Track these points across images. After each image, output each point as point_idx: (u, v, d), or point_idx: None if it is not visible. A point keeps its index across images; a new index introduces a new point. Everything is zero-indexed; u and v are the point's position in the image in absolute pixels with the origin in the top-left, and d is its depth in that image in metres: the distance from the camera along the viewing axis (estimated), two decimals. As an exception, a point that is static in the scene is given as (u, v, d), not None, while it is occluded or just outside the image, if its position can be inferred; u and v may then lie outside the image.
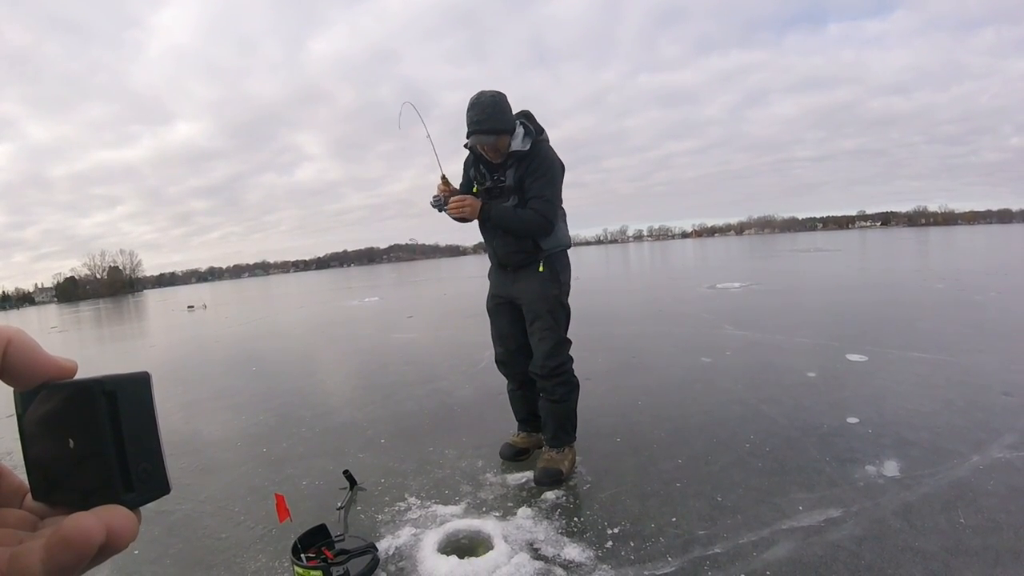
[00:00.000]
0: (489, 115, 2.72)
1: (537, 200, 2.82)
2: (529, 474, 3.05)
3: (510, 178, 2.87)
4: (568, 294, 3.07)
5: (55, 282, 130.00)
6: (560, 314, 3.00)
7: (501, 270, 3.11)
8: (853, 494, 2.56)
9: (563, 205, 3.06)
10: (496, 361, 3.26)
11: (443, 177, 2.99)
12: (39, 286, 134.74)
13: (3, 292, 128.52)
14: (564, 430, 3.04)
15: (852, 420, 3.51)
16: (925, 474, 2.73)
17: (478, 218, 2.88)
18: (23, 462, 0.36)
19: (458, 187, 3.10)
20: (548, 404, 3.01)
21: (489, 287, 3.22)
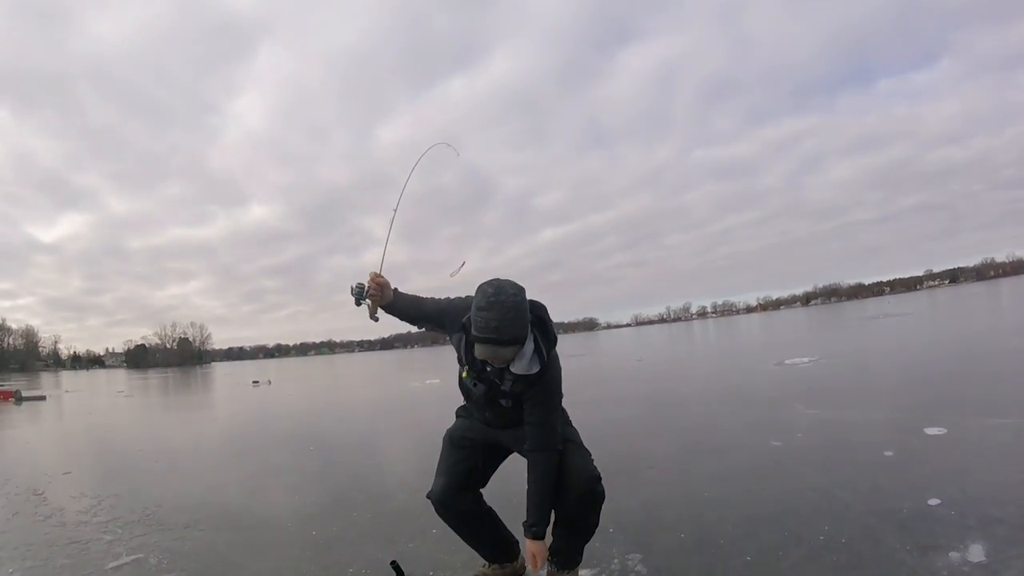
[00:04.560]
0: (512, 320, 2.26)
1: (549, 434, 2.50)
2: (585, 572, 2.90)
3: (507, 385, 2.49)
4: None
5: (125, 348, 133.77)
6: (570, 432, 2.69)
7: (486, 426, 2.75)
8: (936, 586, 2.38)
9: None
10: (433, 499, 2.71)
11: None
12: (110, 350, 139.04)
13: (75, 353, 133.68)
14: (581, 553, 2.70)
15: (933, 501, 3.28)
16: (1012, 556, 2.53)
17: None
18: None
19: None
20: (576, 531, 2.62)
21: (458, 422, 2.89)
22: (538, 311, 2.46)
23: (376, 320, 2.81)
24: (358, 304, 2.74)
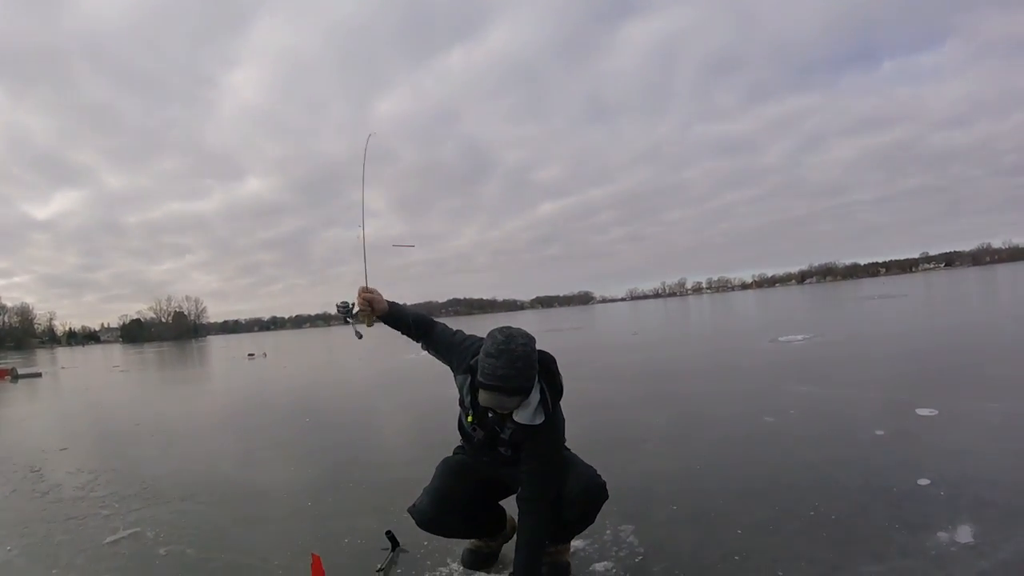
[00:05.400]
0: (519, 370, 2.21)
1: (543, 486, 2.43)
2: (579, 543, 2.93)
3: (507, 433, 2.48)
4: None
5: (121, 323, 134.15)
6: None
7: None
8: (924, 564, 2.40)
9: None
10: (415, 516, 2.65)
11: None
12: (105, 325, 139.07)
13: (71, 329, 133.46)
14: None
15: (923, 481, 3.31)
16: (1001, 538, 2.55)
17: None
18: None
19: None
20: (576, 523, 2.61)
21: (457, 454, 2.81)
22: (547, 362, 2.43)
23: (360, 337, 2.76)
24: (347, 322, 2.72)
